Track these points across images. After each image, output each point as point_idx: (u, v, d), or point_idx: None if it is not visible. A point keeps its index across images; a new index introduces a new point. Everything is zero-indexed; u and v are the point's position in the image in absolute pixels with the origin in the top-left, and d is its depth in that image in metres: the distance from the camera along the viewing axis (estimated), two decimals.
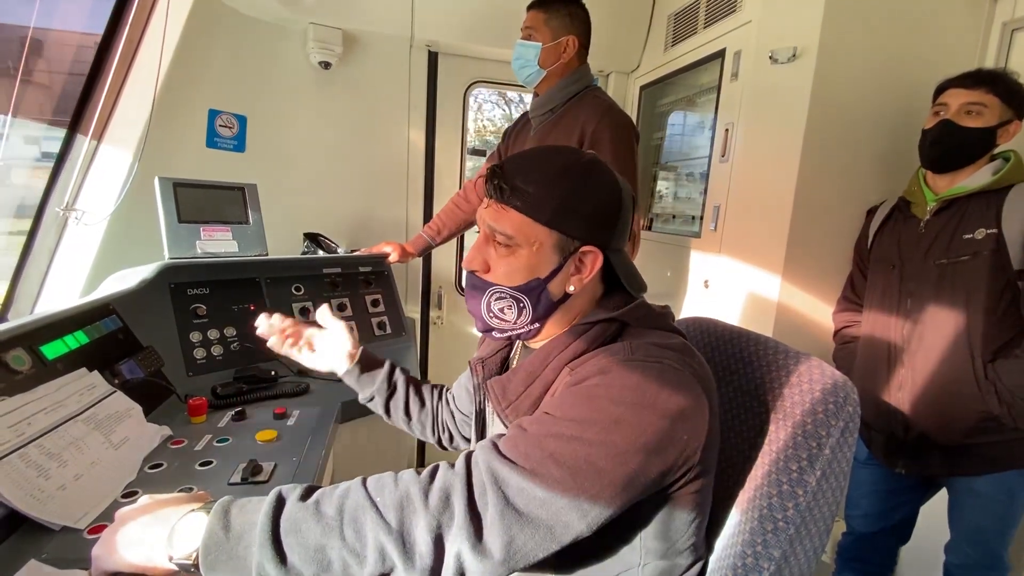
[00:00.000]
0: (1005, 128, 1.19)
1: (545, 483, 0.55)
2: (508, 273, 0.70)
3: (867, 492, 1.43)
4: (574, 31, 1.47)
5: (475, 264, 0.72)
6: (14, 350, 0.87)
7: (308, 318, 1.54)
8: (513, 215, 0.68)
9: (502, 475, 0.57)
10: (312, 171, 2.06)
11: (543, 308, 0.71)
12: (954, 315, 1.20)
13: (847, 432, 0.71)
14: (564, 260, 0.69)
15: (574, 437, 0.57)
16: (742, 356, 0.86)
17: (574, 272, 0.70)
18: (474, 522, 0.55)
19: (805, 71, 1.42)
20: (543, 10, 1.48)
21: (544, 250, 0.68)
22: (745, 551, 0.70)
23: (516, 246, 0.68)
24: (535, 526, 0.55)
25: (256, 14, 1.83)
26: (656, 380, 0.60)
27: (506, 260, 0.69)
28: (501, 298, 0.71)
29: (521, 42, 1.51)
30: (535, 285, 0.69)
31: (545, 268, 0.69)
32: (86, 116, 1.48)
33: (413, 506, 0.56)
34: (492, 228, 0.70)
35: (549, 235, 0.68)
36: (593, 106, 1.45)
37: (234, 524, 0.56)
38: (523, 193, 0.67)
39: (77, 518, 0.75)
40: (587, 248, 0.69)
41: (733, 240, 1.63)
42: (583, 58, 1.53)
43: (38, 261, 1.49)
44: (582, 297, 0.73)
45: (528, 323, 0.72)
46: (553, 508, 0.55)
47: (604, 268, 0.72)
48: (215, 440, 1.02)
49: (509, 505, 0.55)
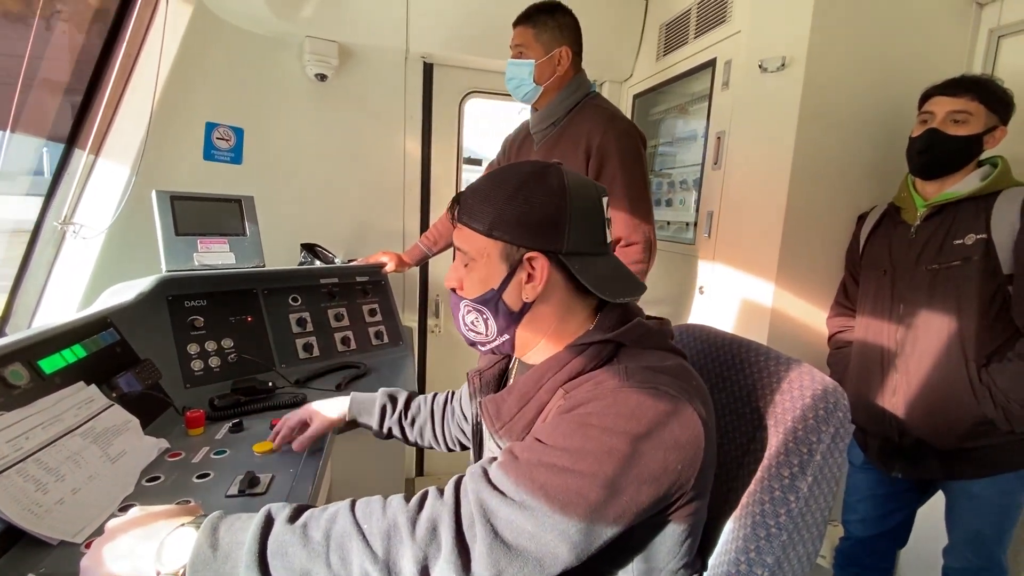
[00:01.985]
0: (991, 134, 1.21)
1: (535, 516, 0.55)
2: (470, 287, 0.73)
3: (864, 497, 1.44)
4: (566, 41, 1.43)
5: (452, 282, 0.76)
6: (12, 365, 0.88)
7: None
8: (464, 231, 0.72)
9: (491, 506, 0.56)
10: (309, 182, 2.08)
11: (503, 318, 0.72)
12: (946, 320, 1.21)
13: (838, 438, 0.72)
14: (512, 269, 0.70)
15: (565, 468, 0.57)
16: (734, 363, 0.87)
17: (527, 280, 0.70)
18: (462, 555, 0.54)
19: (794, 80, 1.43)
20: (531, 25, 1.43)
21: (492, 260, 0.70)
22: (739, 558, 0.71)
23: (472, 260, 0.72)
24: (524, 559, 0.55)
25: (252, 28, 1.85)
26: (651, 408, 0.59)
27: (468, 275, 0.73)
28: (470, 311, 0.75)
29: (512, 61, 1.46)
30: (490, 296, 0.71)
31: (495, 278, 0.71)
32: (84, 130, 1.49)
33: (400, 536, 0.56)
34: (456, 246, 0.75)
35: (494, 245, 0.70)
36: (596, 117, 1.42)
37: (222, 543, 0.56)
38: (468, 208, 0.71)
39: (74, 533, 0.75)
40: (531, 254, 0.69)
41: (727, 247, 1.65)
42: (578, 66, 1.49)
43: (36, 275, 1.49)
44: (551, 306, 0.72)
45: (496, 334, 0.74)
46: (542, 541, 0.55)
47: (570, 275, 0.70)
48: (212, 452, 1.02)
49: (498, 538, 0.55)
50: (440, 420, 1.04)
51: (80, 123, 1.48)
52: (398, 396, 1.08)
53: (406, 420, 1.05)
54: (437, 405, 1.06)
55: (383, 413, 1.05)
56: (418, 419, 1.05)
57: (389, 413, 1.05)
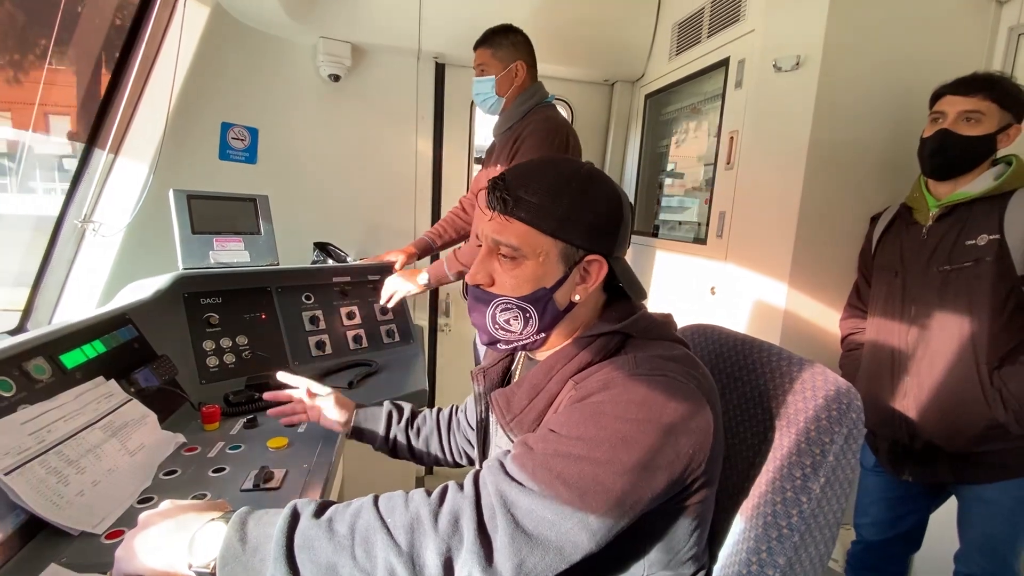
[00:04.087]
0: (1005, 133, 1.19)
1: (554, 505, 0.56)
2: (514, 284, 0.70)
3: (876, 499, 1.42)
4: (519, 56, 1.63)
5: (479, 278, 0.73)
6: (35, 359, 0.90)
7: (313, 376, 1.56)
8: (518, 226, 0.68)
9: (511, 497, 0.57)
10: (322, 181, 2.10)
11: (549, 317, 0.72)
12: (958, 322, 1.19)
13: (851, 439, 0.72)
14: (570, 269, 0.70)
15: (581, 456, 0.58)
16: (746, 363, 0.87)
17: (579, 281, 0.71)
18: (484, 546, 0.55)
19: (809, 79, 1.42)
20: (488, 46, 1.64)
21: (550, 260, 0.69)
22: (750, 558, 0.71)
23: (522, 257, 0.69)
24: (545, 548, 0.56)
25: (268, 29, 1.88)
26: (661, 394, 0.61)
27: (512, 272, 0.70)
28: (507, 309, 0.72)
29: (477, 79, 1.68)
30: (541, 295, 0.70)
31: (551, 278, 0.70)
32: (103, 130, 1.52)
33: (423, 528, 0.57)
34: (496, 241, 0.70)
35: (554, 245, 0.68)
36: (533, 119, 1.59)
37: (250, 537, 0.57)
38: (527, 204, 0.67)
39: (95, 523, 0.77)
40: (592, 257, 0.70)
41: (739, 247, 1.64)
42: (534, 77, 1.68)
43: (56, 272, 1.52)
44: (586, 306, 0.74)
45: (534, 333, 0.73)
46: (563, 529, 0.56)
47: (606, 276, 0.73)
48: (228, 447, 1.04)
49: (519, 528, 0.56)
50: (447, 432, 1.04)
51: (100, 122, 1.51)
52: (404, 407, 1.07)
53: (412, 429, 1.04)
54: (443, 418, 1.06)
55: (389, 419, 1.04)
56: (424, 429, 1.05)
57: (395, 420, 1.04)
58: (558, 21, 2.08)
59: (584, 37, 2.14)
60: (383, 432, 1.03)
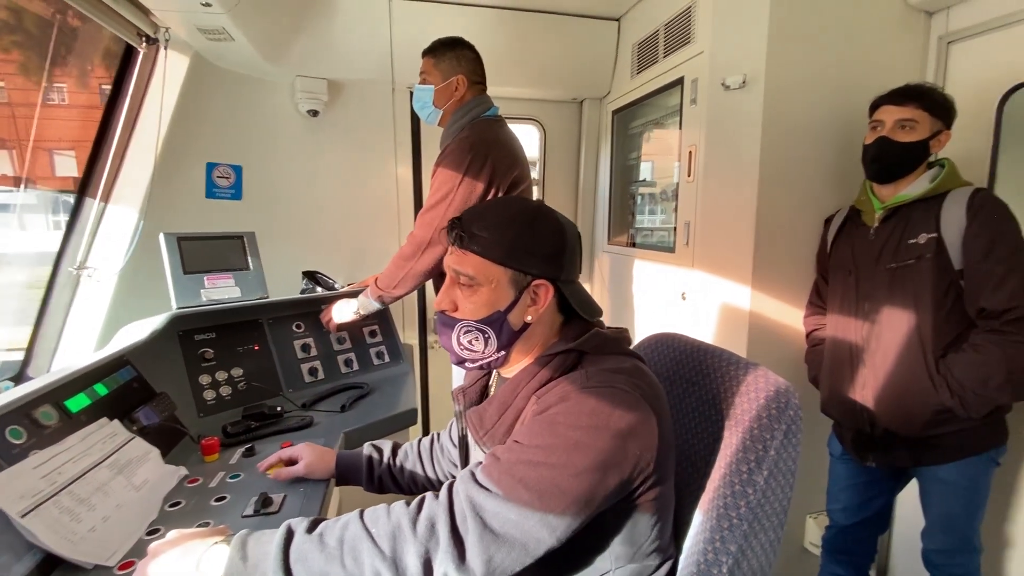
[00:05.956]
0: (937, 139, 1.30)
1: (517, 506, 0.64)
2: (473, 308, 0.80)
3: (845, 486, 1.50)
4: (462, 70, 1.60)
5: (444, 304, 0.83)
6: (42, 407, 0.96)
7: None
8: (472, 258, 0.78)
9: (479, 501, 0.66)
10: (307, 212, 2.17)
11: (506, 337, 0.80)
12: (905, 315, 1.29)
13: (790, 434, 0.79)
14: (519, 293, 0.79)
15: (540, 462, 0.66)
16: (702, 368, 0.95)
17: (530, 303, 0.80)
18: (457, 546, 0.63)
19: (755, 96, 1.52)
20: (432, 56, 1.62)
21: (501, 286, 0.78)
22: (706, 548, 0.78)
23: (477, 285, 0.79)
24: (511, 544, 0.64)
25: (247, 71, 1.96)
26: (608, 403, 0.69)
27: (470, 298, 0.80)
28: (468, 331, 0.81)
29: (418, 86, 1.65)
30: (496, 317, 0.79)
31: (503, 301, 0.79)
32: (93, 180, 1.59)
33: (404, 535, 0.65)
34: (456, 271, 0.80)
35: (504, 272, 0.78)
36: (458, 137, 1.56)
37: (251, 555, 0.65)
38: (479, 239, 0.78)
39: (107, 556, 0.83)
40: (539, 281, 0.79)
41: (704, 254, 1.72)
42: (477, 91, 1.65)
43: (54, 318, 1.58)
44: (542, 325, 0.83)
45: (495, 351, 0.81)
46: (525, 527, 0.64)
47: (559, 298, 0.82)
48: (228, 476, 1.10)
49: (487, 528, 0.64)
50: (430, 459, 1.09)
51: (90, 173, 1.58)
52: (383, 447, 1.11)
53: (395, 466, 1.08)
54: (424, 447, 1.10)
55: (370, 463, 1.08)
56: (407, 464, 1.09)
57: (377, 463, 1.08)
58: (525, 45, 2.18)
59: (551, 59, 2.24)
60: (365, 478, 1.08)
